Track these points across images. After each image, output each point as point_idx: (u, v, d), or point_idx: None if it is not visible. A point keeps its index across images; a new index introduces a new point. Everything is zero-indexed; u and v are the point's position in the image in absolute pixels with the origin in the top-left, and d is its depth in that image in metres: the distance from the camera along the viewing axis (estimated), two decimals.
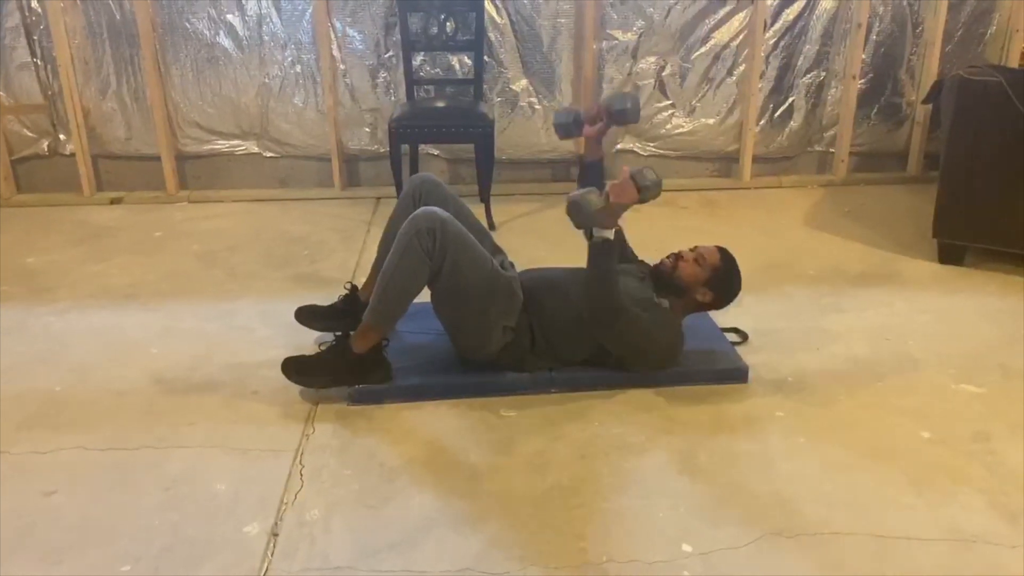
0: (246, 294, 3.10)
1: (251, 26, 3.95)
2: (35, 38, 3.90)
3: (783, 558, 1.82)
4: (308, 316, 2.68)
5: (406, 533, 1.88)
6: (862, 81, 4.22)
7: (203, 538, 1.87)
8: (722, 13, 4.07)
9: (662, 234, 3.59)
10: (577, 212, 2.27)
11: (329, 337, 2.47)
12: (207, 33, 3.94)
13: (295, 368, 2.37)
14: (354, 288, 2.70)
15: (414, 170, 3.93)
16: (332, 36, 3.97)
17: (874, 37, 4.17)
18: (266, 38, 3.97)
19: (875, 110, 4.32)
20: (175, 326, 2.86)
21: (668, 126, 4.24)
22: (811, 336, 2.79)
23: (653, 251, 2.66)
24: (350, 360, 2.35)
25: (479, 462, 2.14)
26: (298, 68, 4.02)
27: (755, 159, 4.29)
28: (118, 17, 3.89)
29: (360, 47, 4.00)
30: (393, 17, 3.92)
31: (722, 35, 4.10)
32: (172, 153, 4.09)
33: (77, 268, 3.34)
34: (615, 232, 2.35)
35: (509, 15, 3.99)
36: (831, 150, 4.38)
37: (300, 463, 2.13)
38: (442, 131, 3.74)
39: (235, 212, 3.97)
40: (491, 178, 3.75)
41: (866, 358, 2.66)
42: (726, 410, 2.37)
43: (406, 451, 2.18)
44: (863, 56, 4.16)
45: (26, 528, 1.90)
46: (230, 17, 3.93)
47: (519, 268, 2.61)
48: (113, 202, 4.08)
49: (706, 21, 4.08)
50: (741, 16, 4.08)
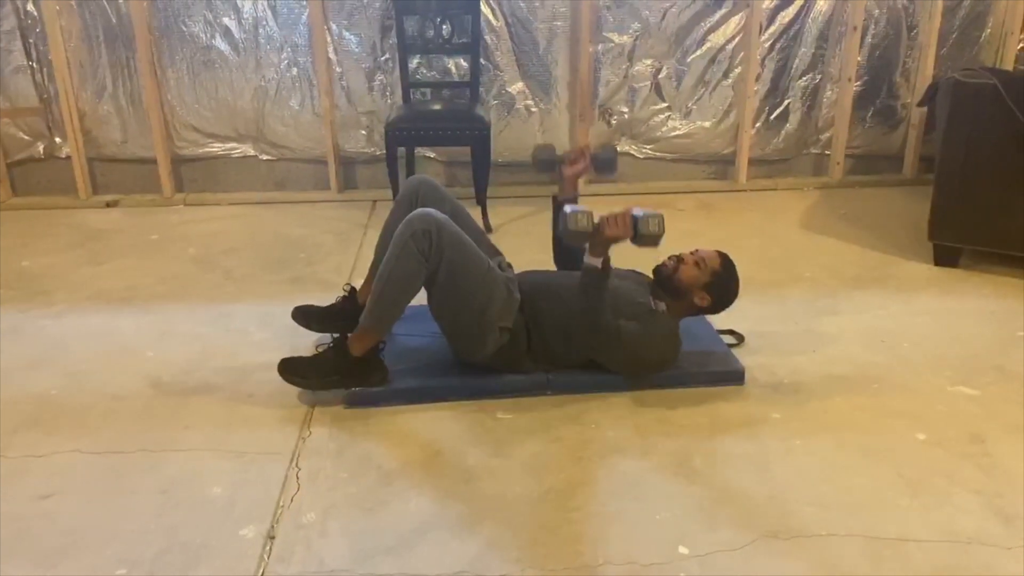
0: (242, 297, 3.10)
1: (247, 29, 3.95)
2: (31, 41, 3.90)
3: (779, 560, 1.82)
4: (305, 316, 2.68)
5: (403, 536, 1.88)
6: (857, 84, 4.23)
7: (199, 541, 1.87)
8: (718, 16, 4.08)
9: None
10: (563, 226, 2.28)
11: (327, 339, 2.48)
12: (203, 36, 3.94)
13: (291, 369, 2.37)
14: (353, 290, 2.70)
15: (410, 173, 3.94)
16: (328, 39, 3.97)
17: (869, 40, 4.19)
18: (262, 41, 3.97)
19: (871, 113, 4.33)
20: (171, 329, 2.85)
21: (664, 128, 4.25)
22: (807, 338, 2.80)
23: (650, 254, 2.65)
24: (347, 362, 2.35)
25: (475, 465, 2.14)
26: (294, 71, 4.02)
27: (751, 161, 4.30)
28: (114, 20, 3.89)
29: (356, 50, 4.00)
30: (389, 20, 3.92)
31: (718, 38, 4.11)
32: (168, 156, 4.09)
33: (73, 271, 3.33)
34: (605, 263, 2.32)
35: (505, 18, 4.00)
36: (827, 152, 4.39)
37: (296, 466, 2.12)
38: (438, 134, 3.75)
39: (231, 215, 3.97)
40: (487, 181, 3.75)
41: (862, 360, 2.66)
42: (722, 412, 2.37)
43: (402, 454, 2.18)
44: (858, 59, 4.17)
45: (21, 532, 1.90)
46: (226, 20, 3.93)
47: (516, 271, 2.61)
48: (109, 205, 4.08)
49: (702, 24, 4.09)
50: (737, 19, 4.09)
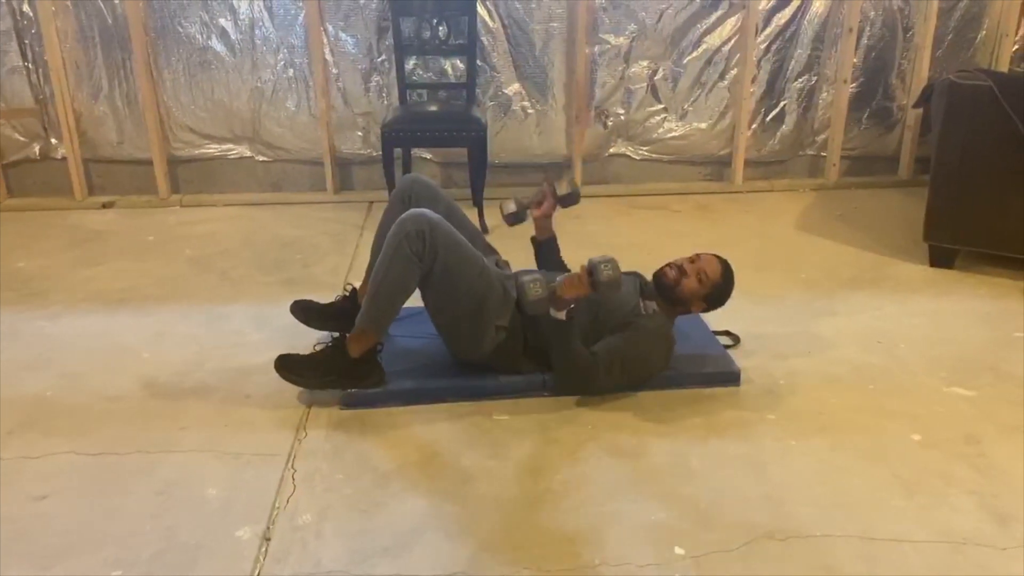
0: (238, 298, 3.09)
1: (243, 30, 3.95)
2: (26, 42, 3.89)
3: (775, 561, 1.82)
4: (304, 311, 2.67)
5: (398, 537, 1.88)
6: (853, 85, 4.24)
7: (195, 543, 1.86)
8: (714, 17, 4.08)
9: (655, 238, 3.61)
10: (521, 299, 2.26)
11: (325, 338, 2.48)
12: (199, 37, 3.94)
13: (288, 366, 2.36)
14: (354, 290, 2.69)
15: (406, 174, 3.93)
16: (325, 40, 3.97)
17: (865, 41, 4.19)
18: (258, 42, 3.97)
19: (866, 114, 4.34)
20: (167, 330, 2.85)
21: (660, 130, 4.25)
22: (803, 339, 2.80)
23: (646, 255, 2.67)
24: (345, 363, 2.35)
25: (471, 466, 2.14)
26: (291, 72, 4.02)
27: (747, 163, 4.31)
28: (110, 21, 3.88)
29: (353, 51, 4.00)
30: (386, 21, 3.92)
31: (714, 39, 4.12)
32: (164, 157, 4.08)
33: (69, 272, 3.33)
34: (568, 313, 2.31)
35: (501, 19, 4.00)
36: (823, 154, 4.39)
37: (292, 467, 2.12)
38: (435, 135, 3.74)
39: (227, 216, 3.97)
40: (484, 182, 3.75)
41: (858, 361, 2.66)
42: (718, 413, 2.37)
43: (399, 455, 2.18)
44: (854, 60, 4.18)
45: (17, 533, 1.90)
46: (222, 21, 3.93)
47: (513, 269, 2.61)
48: (105, 206, 4.07)
49: (698, 25, 4.09)
50: (733, 20, 4.09)
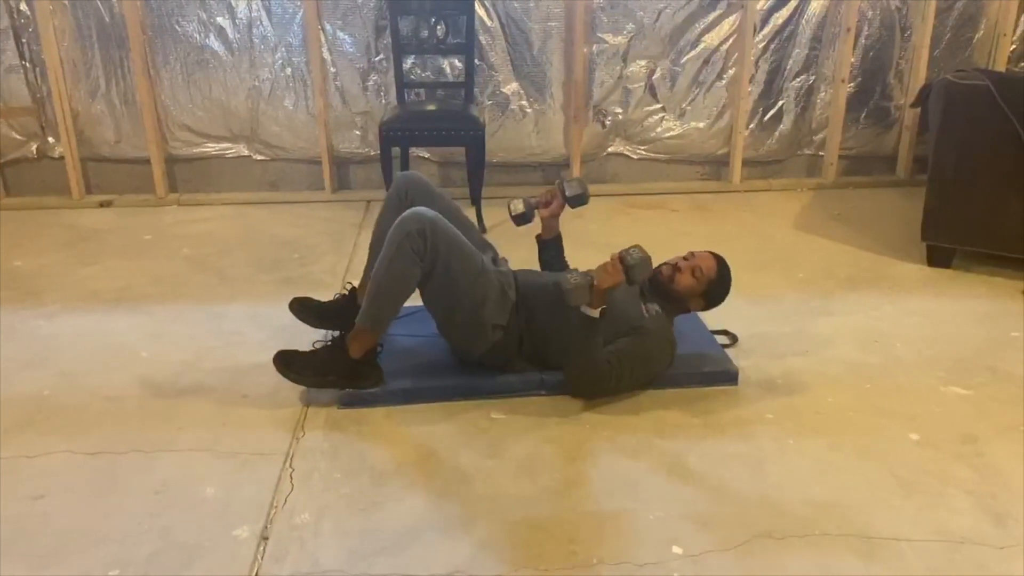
0: (236, 298, 3.09)
1: (241, 29, 3.94)
2: (23, 40, 3.89)
3: (772, 560, 1.82)
4: (303, 309, 2.66)
5: (396, 536, 1.88)
6: (851, 85, 4.24)
7: (192, 542, 1.86)
8: (712, 17, 4.08)
9: (653, 237, 3.60)
10: (566, 299, 2.28)
11: (323, 336, 2.48)
12: (197, 36, 3.94)
13: (287, 363, 2.36)
14: (353, 289, 2.69)
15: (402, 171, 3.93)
16: (322, 39, 3.97)
17: (863, 41, 4.20)
18: (256, 41, 3.96)
19: (864, 114, 4.34)
20: (164, 330, 2.85)
21: (658, 129, 4.25)
22: (801, 339, 2.80)
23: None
24: (344, 363, 2.35)
25: (469, 465, 2.14)
26: (288, 71, 4.02)
27: (745, 162, 4.31)
28: (107, 19, 3.88)
29: (351, 50, 4.00)
30: (384, 20, 3.92)
31: (712, 39, 4.12)
32: (162, 156, 4.08)
33: (66, 271, 3.32)
34: (601, 311, 2.32)
35: (499, 18, 4.00)
36: (820, 153, 4.40)
37: (290, 467, 2.12)
38: (433, 134, 3.74)
39: (225, 215, 3.96)
40: (482, 181, 3.75)
41: (855, 361, 2.67)
42: (716, 413, 2.37)
43: (396, 454, 2.18)
44: (852, 60, 4.18)
45: (14, 533, 1.89)
46: (220, 20, 3.92)
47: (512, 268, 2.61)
48: (102, 205, 4.07)
49: (696, 25, 4.09)
50: (731, 20, 4.09)
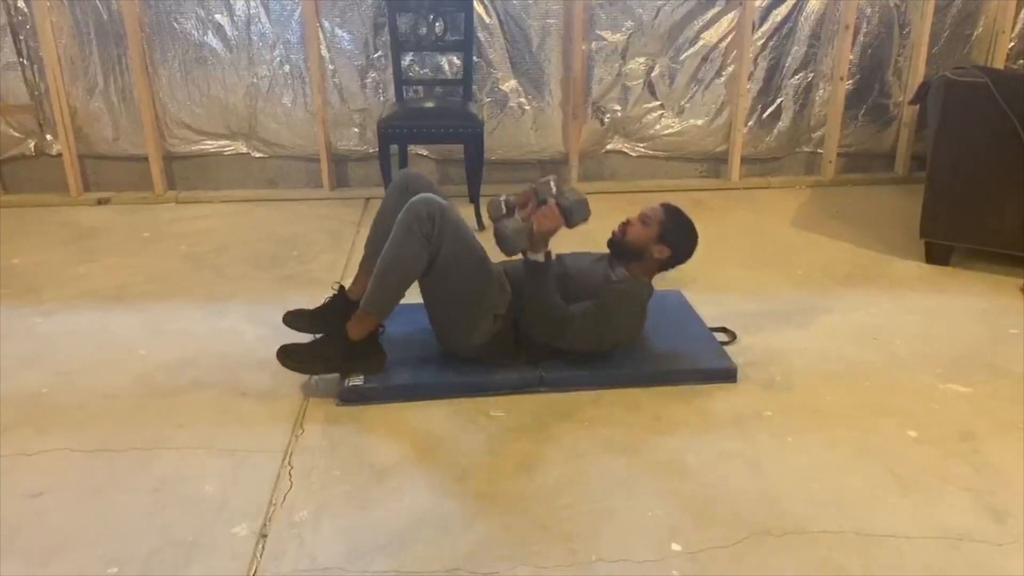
0: (234, 295, 3.09)
1: (239, 26, 3.94)
2: (21, 38, 3.88)
3: (771, 557, 1.82)
4: (296, 320, 2.67)
5: (395, 534, 1.88)
6: (850, 82, 4.24)
7: (191, 540, 1.86)
8: (711, 14, 4.08)
9: None
10: (500, 241, 2.30)
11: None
12: (195, 33, 3.93)
13: (291, 355, 2.38)
14: (341, 288, 2.69)
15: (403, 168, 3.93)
16: (321, 36, 3.96)
17: (862, 38, 4.19)
18: (255, 38, 3.96)
19: (863, 111, 4.34)
20: (163, 327, 2.84)
21: (657, 127, 4.25)
22: (799, 336, 2.80)
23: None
24: (346, 346, 2.36)
25: (468, 462, 2.14)
26: (287, 68, 4.01)
27: (743, 160, 4.31)
28: (105, 17, 3.87)
29: (349, 47, 3.99)
30: (382, 17, 3.92)
31: (711, 36, 4.11)
32: (160, 153, 4.07)
33: (64, 269, 3.32)
34: (546, 255, 2.37)
35: (498, 15, 3.99)
36: (819, 151, 4.40)
37: (289, 464, 2.12)
38: (431, 131, 3.74)
39: (223, 213, 3.96)
40: (480, 178, 3.75)
41: (853, 358, 2.67)
42: (714, 410, 2.38)
43: (395, 451, 2.18)
44: (851, 57, 4.18)
45: (12, 530, 1.89)
46: (218, 17, 3.92)
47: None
48: (100, 203, 4.06)
49: (695, 22, 4.09)
50: (730, 17, 4.09)
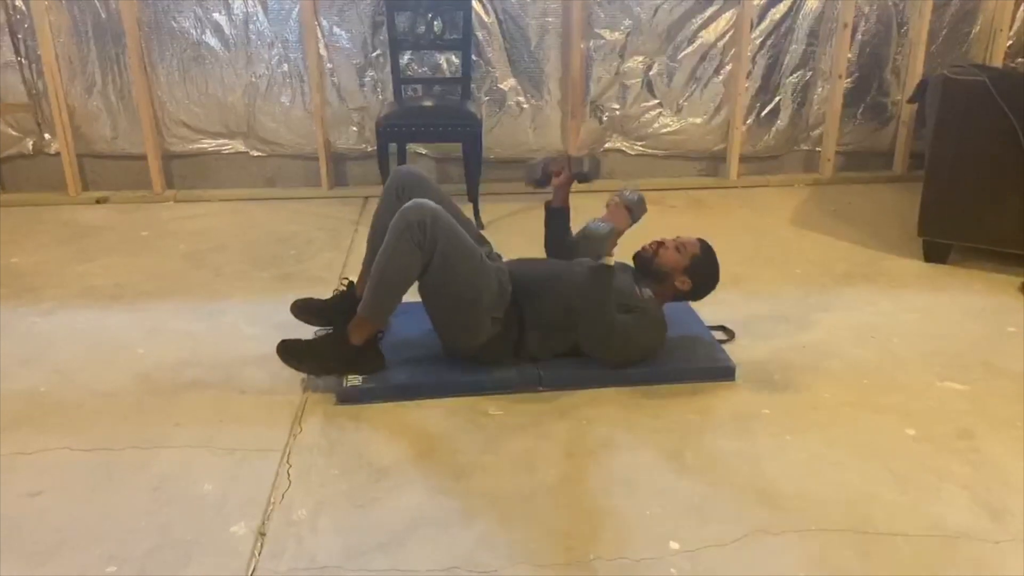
0: (233, 294, 3.09)
1: (237, 25, 3.94)
2: (19, 36, 3.87)
3: (769, 554, 1.83)
4: (304, 309, 2.68)
5: (394, 532, 1.88)
6: (848, 80, 4.24)
7: (190, 538, 1.86)
8: (709, 12, 4.08)
9: (650, 233, 3.59)
10: (593, 245, 2.31)
11: (325, 328, 2.49)
12: (193, 32, 3.93)
13: (290, 351, 2.38)
14: (351, 284, 2.70)
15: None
16: (319, 35, 3.96)
17: (860, 37, 4.19)
18: (252, 37, 3.96)
19: (861, 109, 4.34)
20: (161, 326, 2.84)
21: (655, 125, 4.25)
22: (797, 334, 2.81)
23: (633, 241, 2.65)
24: (346, 350, 2.37)
25: (466, 461, 2.14)
26: (285, 67, 4.01)
27: (742, 158, 4.31)
28: (103, 16, 3.87)
29: (347, 46, 3.99)
30: (380, 16, 3.91)
31: (709, 34, 4.11)
32: (158, 152, 4.07)
33: (62, 268, 3.32)
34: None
35: (497, 14, 3.99)
36: (817, 149, 4.40)
37: (288, 463, 2.12)
38: (430, 130, 3.74)
39: (222, 212, 3.96)
40: (479, 177, 3.75)
41: (852, 356, 2.67)
42: (713, 408, 2.38)
43: (394, 450, 2.18)
44: (849, 55, 4.18)
45: (11, 530, 1.89)
46: (216, 16, 3.91)
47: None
48: (99, 202, 4.06)
49: (693, 20, 4.09)
50: (728, 15, 4.09)
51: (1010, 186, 3.12)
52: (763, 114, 4.30)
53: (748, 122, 4.29)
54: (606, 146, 4.28)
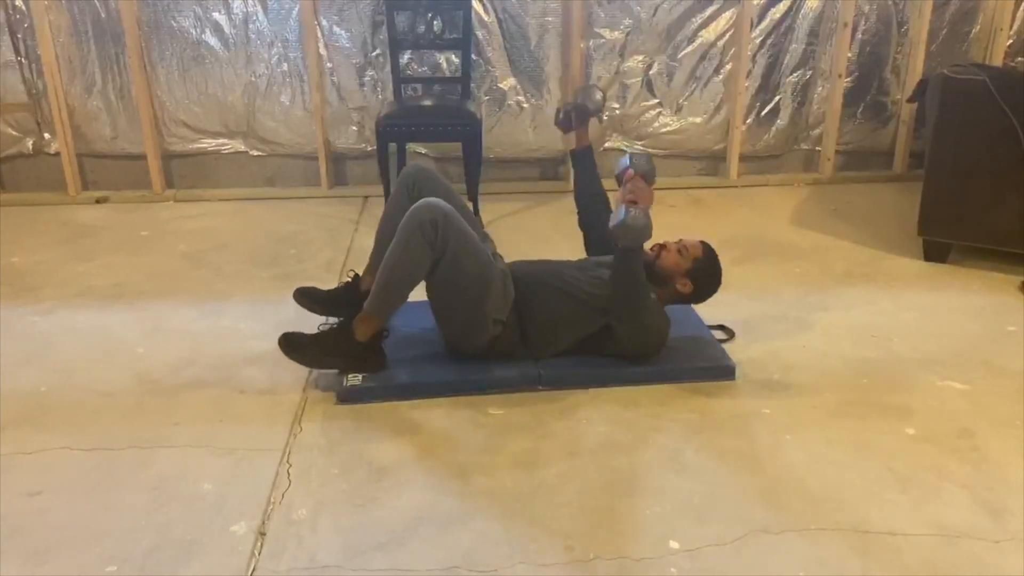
0: (233, 293, 3.09)
1: (237, 24, 3.93)
2: (19, 36, 3.87)
3: (769, 554, 1.83)
4: (308, 298, 2.68)
5: (394, 532, 1.88)
6: (848, 80, 4.24)
7: (190, 538, 1.86)
8: (709, 12, 4.08)
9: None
10: (629, 231, 2.29)
11: (328, 322, 2.50)
12: (193, 31, 3.93)
13: (292, 344, 2.37)
14: (356, 276, 2.70)
15: (401, 169, 3.92)
16: (319, 34, 3.96)
17: (860, 36, 4.19)
18: (252, 36, 3.95)
19: (861, 109, 4.34)
20: (161, 326, 2.84)
21: (655, 124, 4.25)
22: (797, 334, 2.81)
23: None
24: (350, 346, 2.37)
25: (467, 460, 2.14)
26: (285, 66, 4.01)
27: (742, 157, 4.31)
28: (103, 15, 3.87)
29: (347, 45, 3.99)
30: (380, 15, 3.91)
31: (709, 34, 4.11)
32: (158, 152, 4.07)
33: (62, 268, 3.32)
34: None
35: (496, 13, 3.99)
36: (817, 148, 4.39)
37: (288, 462, 2.12)
38: (429, 130, 3.74)
39: (222, 211, 3.96)
40: (479, 176, 3.75)
41: (852, 355, 2.67)
42: (713, 407, 2.38)
43: (394, 449, 2.18)
44: (849, 55, 4.18)
45: (11, 529, 1.89)
46: (216, 15, 3.91)
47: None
48: (99, 201, 4.06)
49: (693, 20, 4.09)
50: (728, 15, 4.09)
51: (1010, 185, 3.12)
52: (763, 113, 4.30)
53: (748, 121, 4.28)
54: (606, 145, 4.28)
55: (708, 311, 2.76)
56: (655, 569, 1.78)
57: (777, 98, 4.28)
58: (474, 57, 3.98)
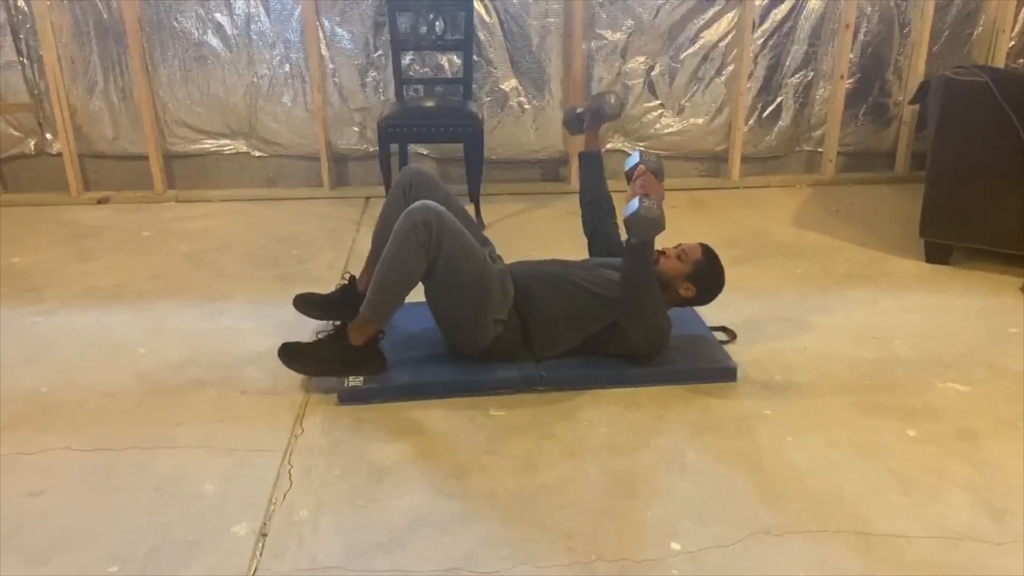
0: (234, 294, 3.09)
1: (239, 25, 3.94)
2: (21, 36, 3.88)
3: (771, 556, 1.83)
4: (306, 304, 2.69)
5: (395, 533, 1.88)
6: (850, 81, 4.23)
7: (191, 539, 1.86)
8: (711, 13, 4.08)
9: None
10: (643, 223, 2.28)
11: (325, 328, 2.50)
12: (195, 32, 3.93)
13: (291, 354, 2.39)
14: (352, 278, 2.70)
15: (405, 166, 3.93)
16: (321, 35, 3.96)
17: (862, 37, 4.19)
18: (254, 37, 3.96)
19: (863, 110, 4.34)
20: (162, 326, 2.85)
21: (657, 126, 4.25)
22: (799, 335, 2.80)
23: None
24: (347, 351, 2.37)
25: (467, 461, 2.14)
26: (287, 67, 4.01)
27: (744, 159, 4.31)
28: (105, 16, 3.87)
29: (349, 46, 3.99)
30: (382, 16, 3.91)
31: (711, 35, 4.11)
32: (160, 152, 4.07)
33: (64, 268, 3.32)
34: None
35: (498, 14, 3.99)
36: (819, 150, 4.39)
37: (289, 463, 2.12)
38: (431, 130, 3.74)
39: (223, 212, 3.96)
40: (480, 177, 3.75)
41: (853, 357, 2.67)
42: (714, 409, 2.38)
43: (395, 451, 2.18)
44: (851, 56, 4.18)
45: (12, 529, 1.89)
46: (218, 16, 3.91)
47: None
48: (100, 202, 4.06)
49: (695, 21, 4.09)
50: (730, 16, 4.09)
51: (1012, 187, 3.12)
52: (765, 115, 4.30)
53: (750, 123, 4.28)
54: (607, 146, 4.27)
55: (709, 312, 2.76)
56: (657, 570, 1.78)
57: (779, 99, 4.28)
58: (476, 58, 3.99)
